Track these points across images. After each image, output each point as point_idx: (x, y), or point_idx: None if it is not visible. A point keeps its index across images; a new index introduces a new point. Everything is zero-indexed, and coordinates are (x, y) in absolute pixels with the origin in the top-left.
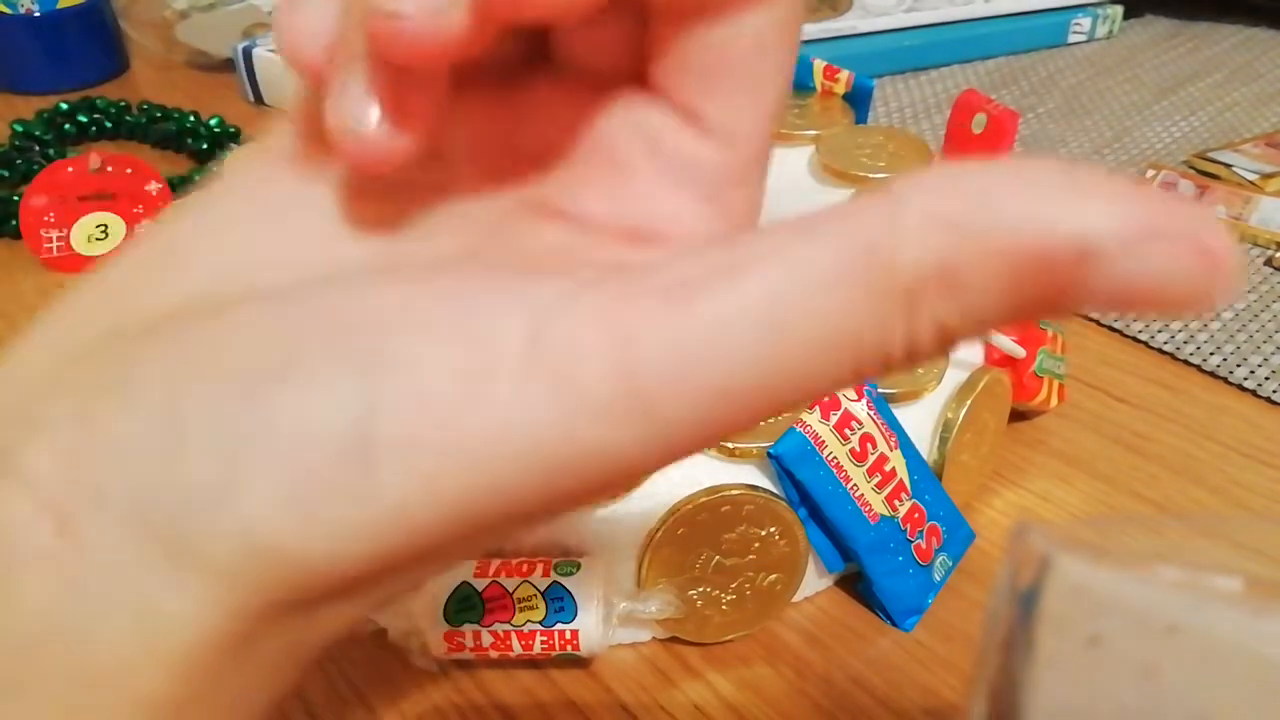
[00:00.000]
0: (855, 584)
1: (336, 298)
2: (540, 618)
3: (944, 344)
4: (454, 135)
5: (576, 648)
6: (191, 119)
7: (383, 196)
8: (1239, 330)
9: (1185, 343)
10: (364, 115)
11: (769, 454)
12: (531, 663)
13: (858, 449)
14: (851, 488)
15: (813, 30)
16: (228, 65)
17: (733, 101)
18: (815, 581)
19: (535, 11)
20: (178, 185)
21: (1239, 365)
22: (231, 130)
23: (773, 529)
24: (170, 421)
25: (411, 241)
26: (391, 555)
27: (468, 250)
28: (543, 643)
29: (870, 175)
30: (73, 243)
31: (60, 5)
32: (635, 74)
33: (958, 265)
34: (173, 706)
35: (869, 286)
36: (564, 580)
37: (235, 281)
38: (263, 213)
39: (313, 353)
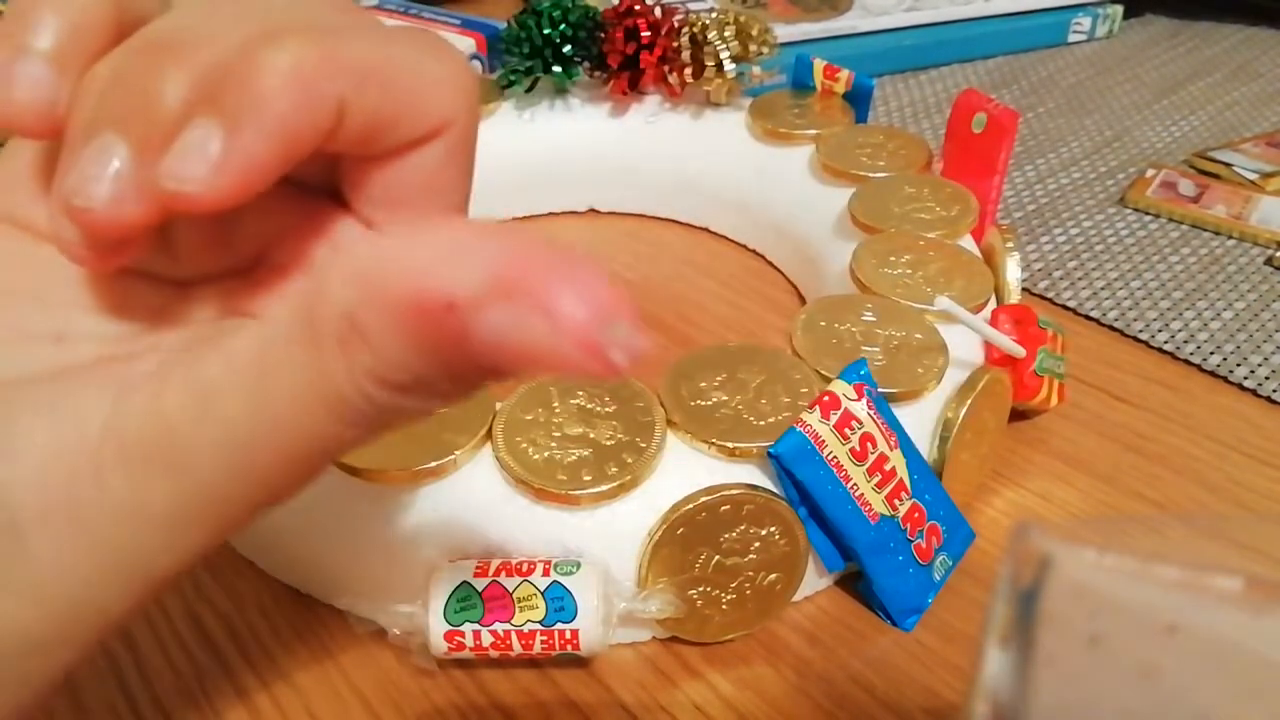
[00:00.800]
0: (855, 584)
1: None
2: (540, 618)
3: (391, 393)
4: (183, 227)
5: (576, 648)
6: None
7: (109, 277)
8: (1239, 330)
9: (1185, 342)
10: (101, 186)
11: (769, 454)
12: (531, 663)
13: (858, 448)
14: (851, 487)
15: (813, 30)
16: None
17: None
18: (815, 581)
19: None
20: None
21: (1239, 365)
22: None
23: (773, 529)
24: None
25: (121, 340)
26: (63, 613)
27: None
28: (543, 643)
29: (870, 175)
30: None
31: None
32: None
33: (360, 315)
34: None
35: (307, 337)
36: (564, 580)
37: None
38: None
39: None
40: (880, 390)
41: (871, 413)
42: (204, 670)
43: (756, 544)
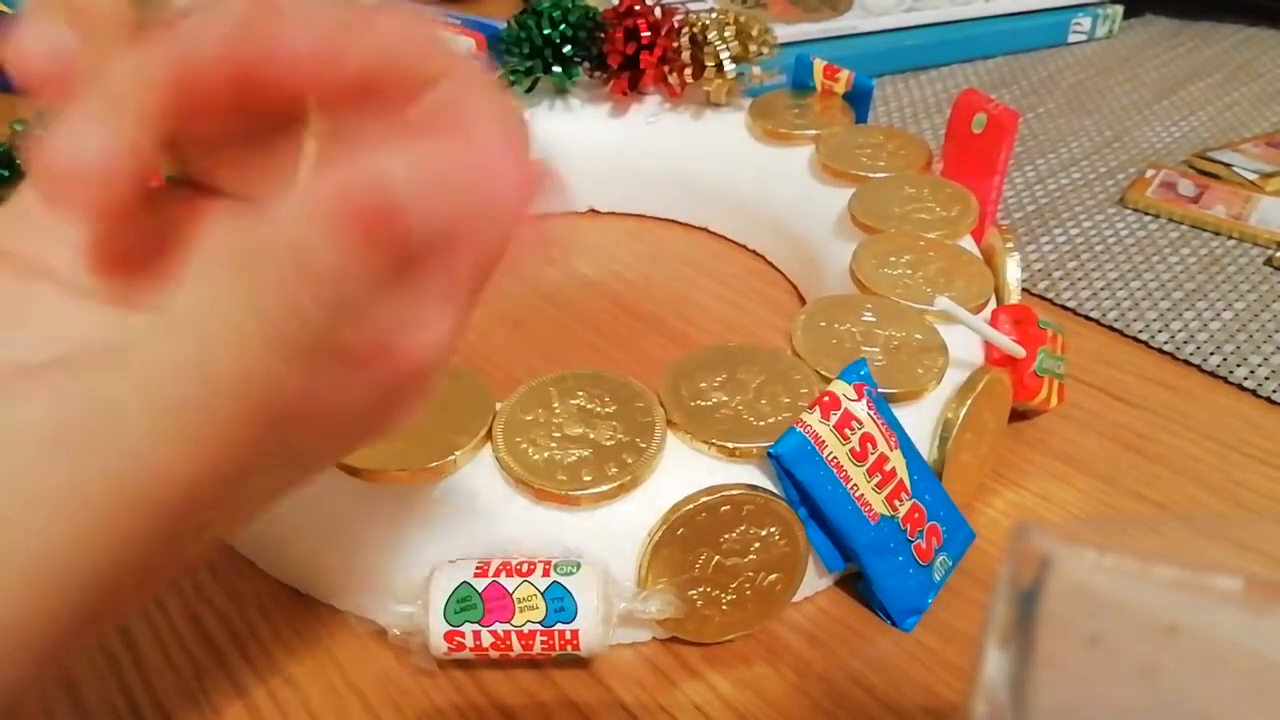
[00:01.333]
0: (855, 584)
1: None
2: (540, 618)
3: (325, 311)
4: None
5: (576, 648)
6: None
7: (123, 267)
8: (1239, 330)
9: (1185, 343)
10: (87, 143)
11: (769, 454)
12: (531, 663)
13: (858, 449)
14: (851, 488)
15: (813, 30)
16: None
17: None
18: (815, 581)
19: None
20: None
21: (1239, 365)
22: None
23: (773, 529)
24: None
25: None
26: (37, 614)
27: None
28: (543, 643)
29: (870, 175)
30: None
31: None
32: None
33: (305, 238)
34: None
35: (243, 269)
36: (564, 580)
37: None
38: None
39: None
40: (880, 390)
41: (871, 413)
42: (204, 669)
43: (756, 544)
